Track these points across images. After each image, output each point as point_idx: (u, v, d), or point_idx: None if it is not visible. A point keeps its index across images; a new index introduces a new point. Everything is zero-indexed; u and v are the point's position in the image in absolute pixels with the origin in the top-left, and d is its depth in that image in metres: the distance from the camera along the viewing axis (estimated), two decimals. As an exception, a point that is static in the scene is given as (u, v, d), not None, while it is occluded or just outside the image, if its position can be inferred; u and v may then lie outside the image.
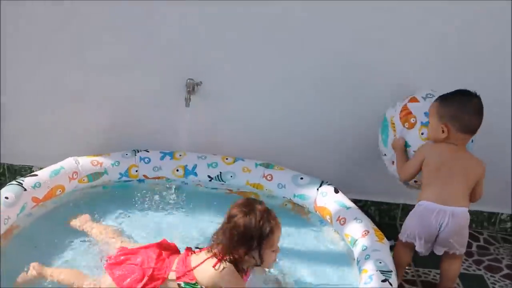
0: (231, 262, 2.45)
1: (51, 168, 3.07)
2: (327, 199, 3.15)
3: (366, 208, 3.53)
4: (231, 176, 3.31)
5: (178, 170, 3.31)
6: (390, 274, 2.61)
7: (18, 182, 2.90)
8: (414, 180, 3.01)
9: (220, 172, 3.31)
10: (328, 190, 3.19)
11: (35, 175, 2.99)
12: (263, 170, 3.32)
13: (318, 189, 3.21)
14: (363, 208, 3.41)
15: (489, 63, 3.18)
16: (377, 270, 2.62)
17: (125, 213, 3.07)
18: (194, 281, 2.48)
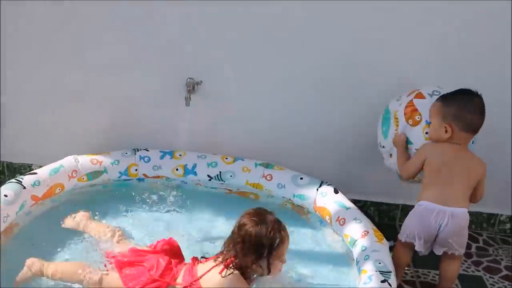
0: (238, 270, 2.45)
1: (51, 166, 3.06)
2: (327, 200, 3.15)
3: (366, 208, 3.53)
4: (231, 175, 3.31)
5: (177, 169, 3.31)
6: (390, 275, 2.61)
7: (17, 180, 2.89)
8: None
9: (219, 171, 3.31)
10: (327, 190, 3.19)
11: (35, 173, 2.98)
12: (263, 170, 3.31)
13: (317, 189, 3.21)
14: (362, 208, 3.40)
15: (489, 63, 3.19)
16: (376, 271, 2.61)
17: (124, 212, 3.06)
18: None
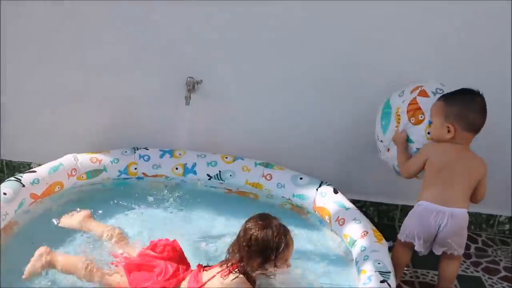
0: (243, 275, 2.45)
1: (50, 164, 3.05)
2: (326, 200, 3.15)
3: (365, 208, 3.53)
4: (231, 175, 3.31)
5: (177, 169, 3.30)
6: (389, 275, 2.60)
7: (16, 178, 2.89)
8: None
9: (219, 171, 3.31)
10: (327, 190, 3.18)
11: (34, 172, 2.98)
12: (263, 170, 3.31)
13: (317, 189, 3.21)
14: (362, 208, 3.41)
15: (489, 63, 3.19)
16: (375, 271, 2.61)
17: (123, 210, 3.06)
18: None
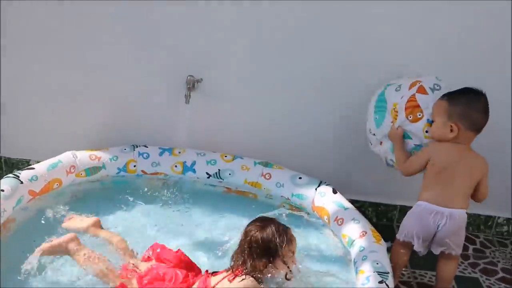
0: (251, 276, 2.45)
1: (49, 161, 3.05)
2: (325, 199, 3.14)
3: (364, 209, 3.52)
4: (230, 173, 3.30)
5: (176, 166, 3.30)
6: (387, 276, 2.60)
7: (14, 175, 2.89)
8: None
9: (218, 169, 3.30)
10: (326, 190, 3.18)
11: (32, 168, 2.98)
12: (262, 169, 3.31)
13: (316, 189, 3.20)
14: (360, 208, 3.40)
15: (489, 63, 3.19)
16: (374, 271, 2.60)
17: (122, 208, 3.06)
18: None
